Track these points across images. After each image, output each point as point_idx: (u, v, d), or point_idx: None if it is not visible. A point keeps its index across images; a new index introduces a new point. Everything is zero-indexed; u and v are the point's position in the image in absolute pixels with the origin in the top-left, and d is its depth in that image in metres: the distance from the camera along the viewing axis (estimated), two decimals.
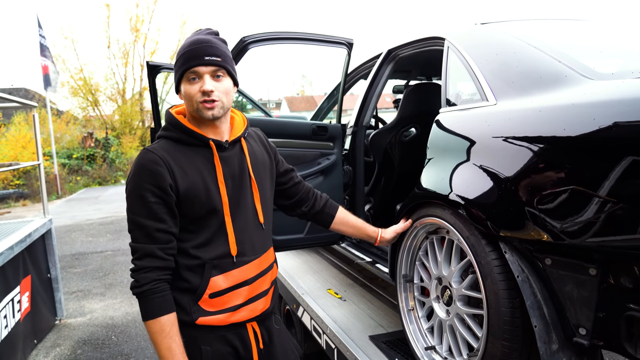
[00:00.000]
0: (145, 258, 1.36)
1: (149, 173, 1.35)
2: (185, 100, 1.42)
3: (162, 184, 1.35)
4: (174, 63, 1.44)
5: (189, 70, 1.37)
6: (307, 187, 1.81)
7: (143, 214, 1.36)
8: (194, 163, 1.41)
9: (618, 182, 1.12)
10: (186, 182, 1.38)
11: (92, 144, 18.75)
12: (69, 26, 27.52)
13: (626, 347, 1.19)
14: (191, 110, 1.42)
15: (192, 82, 1.38)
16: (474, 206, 1.53)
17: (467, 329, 1.67)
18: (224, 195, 1.43)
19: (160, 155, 1.37)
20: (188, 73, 1.38)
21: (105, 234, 8.71)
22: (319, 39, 2.56)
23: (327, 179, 2.66)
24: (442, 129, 1.88)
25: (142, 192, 1.35)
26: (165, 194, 1.36)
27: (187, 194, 1.38)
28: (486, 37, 1.93)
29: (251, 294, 1.50)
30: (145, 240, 1.36)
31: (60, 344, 4.16)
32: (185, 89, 1.40)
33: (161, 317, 1.35)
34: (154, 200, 1.35)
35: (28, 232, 3.96)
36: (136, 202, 1.36)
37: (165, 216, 1.37)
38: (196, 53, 1.37)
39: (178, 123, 1.43)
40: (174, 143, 1.43)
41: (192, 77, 1.38)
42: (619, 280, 1.18)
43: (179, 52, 1.41)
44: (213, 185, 1.42)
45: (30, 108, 4.80)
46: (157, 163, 1.35)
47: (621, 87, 1.25)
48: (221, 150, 1.46)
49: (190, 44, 1.39)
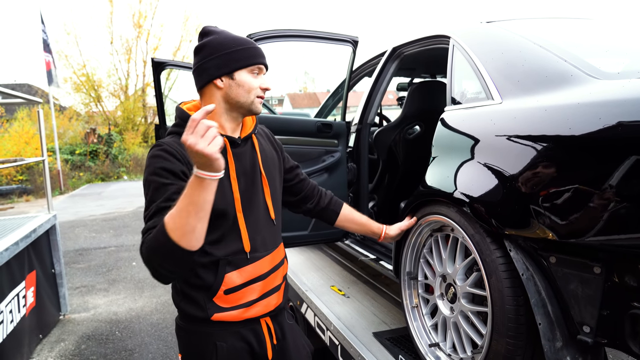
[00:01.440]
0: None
1: (164, 162, 1.33)
2: (243, 90, 1.43)
3: (174, 168, 1.32)
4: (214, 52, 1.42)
5: (257, 64, 1.45)
6: (312, 184, 1.82)
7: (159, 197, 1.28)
8: None
9: (622, 181, 1.13)
10: None
11: (95, 139, 18.78)
12: (72, 22, 27.65)
13: (630, 345, 1.20)
14: (244, 101, 1.44)
15: (255, 76, 1.46)
16: (479, 204, 1.54)
17: (471, 326, 1.68)
18: (236, 191, 1.44)
19: (175, 149, 1.36)
20: (255, 67, 1.45)
21: (108, 230, 8.74)
22: (324, 37, 2.57)
23: (332, 176, 2.67)
24: (447, 127, 1.88)
25: (158, 177, 1.31)
26: (177, 178, 1.31)
27: None
28: (492, 36, 1.93)
29: (265, 289, 1.51)
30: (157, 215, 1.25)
31: (64, 339, 4.19)
32: (247, 79, 1.43)
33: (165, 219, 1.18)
34: (168, 181, 1.31)
35: (33, 227, 3.99)
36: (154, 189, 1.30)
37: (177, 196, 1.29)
38: (258, 52, 1.47)
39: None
40: None
41: (256, 71, 1.46)
42: (623, 279, 1.19)
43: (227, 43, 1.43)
44: (226, 181, 1.42)
45: (34, 104, 4.81)
46: (173, 154, 1.34)
47: (627, 87, 1.25)
48: (233, 146, 1.47)
49: (245, 42, 1.45)
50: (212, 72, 1.42)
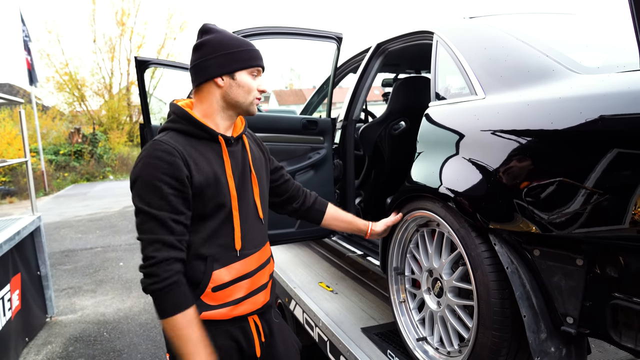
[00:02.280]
0: (165, 250, 1.31)
1: (164, 164, 1.32)
2: (242, 91, 1.45)
3: (180, 175, 1.32)
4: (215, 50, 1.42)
5: (257, 67, 1.48)
6: (296, 184, 1.83)
7: (159, 206, 1.31)
8: (205, 155, 1.41)
9: (604, 174, 1.15)
10: (200, 174, 1.37)
11: (80, 139, 18.55)
12: (53, 20, 27.02)
13: (611, 334, 1.22)
14: (239, 102, 1.46)
15: (254, 77, 1.48)
16: (464, 199, 1.55)
17: (457, 320, 1.70)
18: (233, 189, 1.45)
19: (174, 146, 1.35)
20: (254, 69, 1.47)
21: (94, 231, 8.65)
22: (308, 34, 2.56)
23: (318, 173, 2.67)
24: (432, 123, 1.89)
25: (157, 182, 1.31)
26: (182, 185, 1.33)
27: (201, 186, 1.37)
28: (475, 31, 1.95)
29: (252, 287, 1.51)
30: (162, 231, 1.31)
31: (51, 341, 4.14)
32: (246, 81, 1.46)
33: (189, 309, 1.32)
34: (170, 191, 1.32)
35: (17, 229, 3.93)
36: (151, 193, 1.32)
37: (182, 208, 1.34)
38: (260, 55, 1.50)
39: (188, 115, 1.42)
40: (182, 135, 1.41)
41: (255, 73, 1.48)
42: (605, 270, 1.21)
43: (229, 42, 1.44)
44: (223, 178, 1.43)
45: (16, 104, 4.74)
46: (173, 154, 1.33)
47: (607, 81, 1.27)
48: (229, 145, 1.48)
49: (247, 43, 1.48)
50: (213, 70, 1.42)
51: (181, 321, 1.31)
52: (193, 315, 1.33)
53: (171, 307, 1.31)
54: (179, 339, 1.31)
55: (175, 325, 1.31)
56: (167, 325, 1.32)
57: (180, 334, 1.31)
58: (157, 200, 1.31)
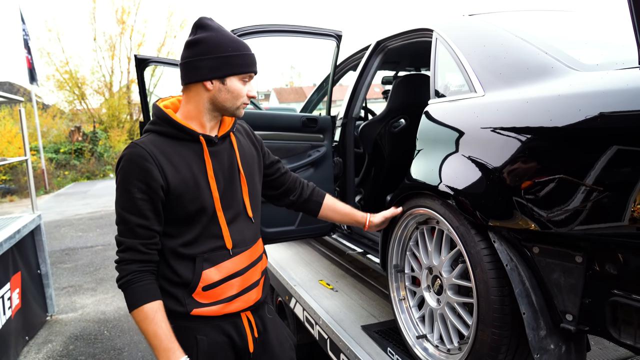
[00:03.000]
0: (127, 251, 1.38)
1: (136, 168, 1.35)
2: (230, 96, 1.43)
3: (150, 181, 1.35)
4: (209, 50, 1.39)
5: (249, 73, 1.45)
6: (293, 176, 1.82)
7: (128, 209, 1.37)
8: (184, 158, 1.41)
9: (603, 171, 1.15)
10: (176, 178, 1.38)
11: (80, 137, 18.55)
12: (54, 18, 27.19)
13: (610, 331, 1.22)
14: (229, 106, 1.44)
15: (244, 82, 1.45)
16: (463, 196, 1.55)
17: (457, 318, 1.70)
18: (215, 190, 1.44)
19: (149, 151, 1.36)
20: (245, 75, 1.45)
21: (95, 229, 8.66)
22: (308, 32, 2.56)
23: (318, 171, 2.67)
24: (431, 120, 1.89)
25: (129, 186, 1.36)
26: (151, 190, 1.36)
27: (178, 189, 1.38)
28: (474, 29, 1.94)
29: (244, 285, 1.51)
30: (128, 234, 1.38)
31: (52, 340, 4.15)
32: (236, 86, 1.43)
33: (144, 305, 1.35)
34: (139, 196, 1.35)
35: (17, 228, 3.93)
36: (123, 196, 1.37)
37: (149, 213, 1.37)
38: (252, 60, 1.46)
39: (167, 117, 1.42)
40: (163, 137, 1.42)
41: (246, 79, 1.46)
42: (604, 267, 1.21)
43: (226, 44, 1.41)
44: (203, 180, 1.42)
45: (16, 102, 4.74)
46: (146, 159, 1.35)
47: (606, 78, 1.27)
48: (211, 145, 1.46)
49: (243, 47, 1.44)
50: (204, 72, 1.40)
51: (138, 316, 1.36)
52: (150, 312, 1.36)
53: (132, 303, 1.37)
54: (144, 332, 1.36)
55: (138, 319, 1.36)
56: (135, 317, 1.38)
57: (143, 327, 1.36)
58: (127, 203, 1.37)
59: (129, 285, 1.37)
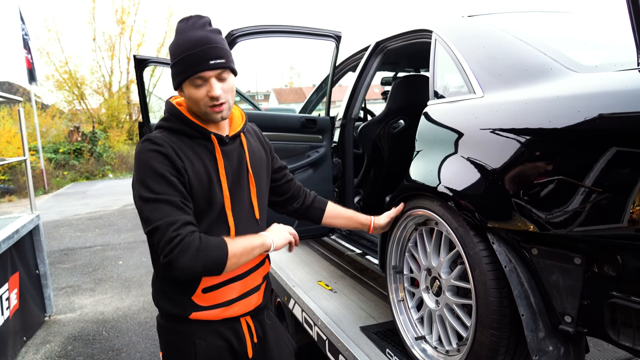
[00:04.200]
0: (186, 226, 1.27)
1: (160, 156, 1.31)
2: (191, 102, 1.37)
3: (177, 165, 1.31)
4: (170, 60, 1.38)
5: (193, 75, 1.32)
6: (298, 184, 1.80)
7: (168, 192, 1.28)
8: (197, 154, 1.39)
9: (602, 172, 1.15)
10: (192, 171, 1.35)
11: (79, 138, 18.52)
12: (53, 18, 27.14)
13: (609, 333, 1.22)
14: (197, 112, 1.39)
15: (198, 87, 1.34)
16: (462, 198, 1.55)
17: (456, 319, 1.69)
18: (225, 188, 1.42)
19: (167, 143, 1.34)
20: (193, 79, 1.33)
21: (93, 229, 8.65)
22: (307, 32, 2.56)
23: (317, 172, 2.67)
24: (430, 121, 1.89)
25: (161, 171, 1.29)
26: (180, 174, 1.32)
27: (193, 181, 1.35)
28: (473, 30, 1.94)
29: (245, 289, 1.50)
30: (178, 213, 1.28)
31: (50, 340, 4.14)
32: (190, 93, 1.35)
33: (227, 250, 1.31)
34: (174, 179, 1.30)
35: (15, 228, 3.93)
36: (156, 181, 1.29)
37: (187, 195, 1.33)
38: (201, 57, 1.31)
39: (181, 115, 1.40)
40: (175, 134, 1.40)
41: (198, 83, 1.33)
42: (603, 269, 1.21)
43: (177, 49, 1.34)
44: (215, 177, 1.40)
45: (15, 102, 4.73)
46: (165, 147, 1.32)
47: (605, 80, 1.27)
48: (222, 144, 1.44)
49: (192, 45, 1.32)
50: (173, 82, 1.41)
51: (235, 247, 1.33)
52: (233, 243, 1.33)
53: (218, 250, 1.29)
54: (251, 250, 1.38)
55: (234, 251, 1.32)
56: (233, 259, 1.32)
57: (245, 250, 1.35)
58: (163, 186, 1.28)
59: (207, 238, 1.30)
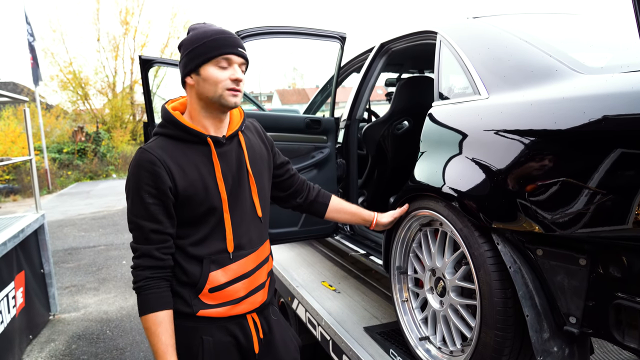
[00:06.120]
0: (141, 258, 1.40)
1: (146, 174, 1.36)
2: (208, 85, 1.38)
3: (160, 185, 1.36)
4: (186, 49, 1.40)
5: (222, 55, 1.37)
6: (301, 178, 1.82)
7: (141, 215, 1.38)
8: (192, 161, 1.41)
9: (607, 174, 1.15)
10: (185, 182, 1.38)
11: (83, 138, 18.58)
12: (58, 19, 27.30)
13: (614, 334, 1.22)
14: (211, 97, 1.40)
15: (223, 69, 1.38)
16: (467, 198, 1.55)
17: (460, 320, 1.70)
18: (223, 192, 1.44)
19: (157, 156, 1.37)
20: (220, 59, 1.37)
21: (97, 229, 8.68)
22: (312, 33, 2.56)
23: (321, 172, 2.68)
24: (435, 123, 1.89)
25: (139, 192, 1.37)
26: (162, 194, 1.37)
27: (186, 193, 1.38)
28: (478, 31, 1.95)
29: (250, 287, 1.51)
30: (142, 241, 1.40)
31: (54, 339, 4.16)
32: (211, 74, 1.37)
33: (150, 314, 1.38)
34: (151, 201, 1.37)
35: (21, 227, 3.95)
36: (135, 202, 1.39)
37: (162, 217, 1.39)
38: (229, 42, 1.38)
39: (174, 120, 1.42)
40: (171, 140, 1.42)
41: (224, 65, 1.38)
42: (608, 270, 1.21)
43: (198, 37, 1.38)
44: (212, 182, 1.42)
45: (20, 102, 4.76)
46: (155, 164, 1.36)
47: (610, 82, 1.27)
48: (219, 146, 1.45)
49: (218, 32, 1.38)
50: (182, 71, 1.43)
51: (145, 323, 1.39)
52: (164, 319, 1.39)
53: (141, 309, 1.40)
54: (150, 336, 1.39)
55: (146, 324, 1.39)
56: (142, 323, 1.41)
57: (150, 332, 1.39)
58: (139, 209, 1.39)
59: (141, 291, 1.40)
